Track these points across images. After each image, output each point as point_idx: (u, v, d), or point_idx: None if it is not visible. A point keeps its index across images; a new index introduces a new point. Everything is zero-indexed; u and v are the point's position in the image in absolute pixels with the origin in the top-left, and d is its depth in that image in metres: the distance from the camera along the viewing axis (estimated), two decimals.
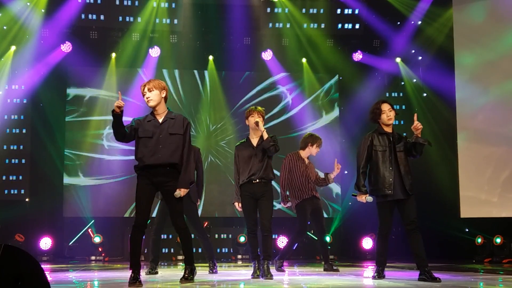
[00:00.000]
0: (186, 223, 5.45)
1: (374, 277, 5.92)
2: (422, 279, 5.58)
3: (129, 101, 11.09)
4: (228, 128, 11.46)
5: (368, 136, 5.92)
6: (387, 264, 6.13)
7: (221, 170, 11.35)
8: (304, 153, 7.51)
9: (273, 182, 6.39)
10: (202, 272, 7.02)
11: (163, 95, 5.44)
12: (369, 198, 5.91)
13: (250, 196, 6.23)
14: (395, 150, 5.79)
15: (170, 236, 10.70)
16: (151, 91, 5.37)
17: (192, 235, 5.71)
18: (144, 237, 5.37)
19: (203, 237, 7.11)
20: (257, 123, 6.16)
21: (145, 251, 9.50)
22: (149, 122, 5.39)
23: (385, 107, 5.85)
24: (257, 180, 6.19)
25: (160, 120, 5.39)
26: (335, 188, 11.46)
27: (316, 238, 10.74)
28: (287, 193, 7.41)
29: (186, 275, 5.45)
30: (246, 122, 6.38)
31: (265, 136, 6.16)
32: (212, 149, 11.32)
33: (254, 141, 6.32)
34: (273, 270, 6.58)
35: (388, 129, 5.91)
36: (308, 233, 10.71)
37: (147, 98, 5.36)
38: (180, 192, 5.26)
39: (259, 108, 6.36)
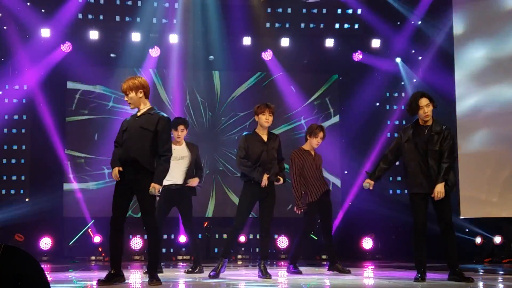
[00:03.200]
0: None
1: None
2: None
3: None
4: (228, 129, 11.45)
5: (404, 129, 5.78)
6: (387, 264, 6.12)
7: (221, 171, 11.34)
8: (307, 146, 7.16)
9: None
10: (208, 271, 7.03)
11: (140, 95, 5.34)
12: (365, 185, 5.86)
13: (253, 195, 6.19)
14: (429, 144, 5.57)
15: (172, 236, 10.71)
16: (127, 94, 5.32)
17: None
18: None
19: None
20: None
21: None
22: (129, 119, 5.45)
23: (423, 102, 5.57)
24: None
25: (138, 115, 5.38)
26: (335, 187, 11.44)
27: (316, 238, 10.80)
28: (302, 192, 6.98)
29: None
30: (255, 118, 6.32)
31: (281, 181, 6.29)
32: (211, 150, 11.30)
33: (264, 137, 6.28)
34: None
35: (425, 123, 5.64)
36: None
37: (126, 99, 5.38)
38: (154, 189, 5.18)
39: (270, 104, 6.31)
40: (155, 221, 5.32)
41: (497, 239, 9.73)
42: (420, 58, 11.40)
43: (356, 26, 11.31)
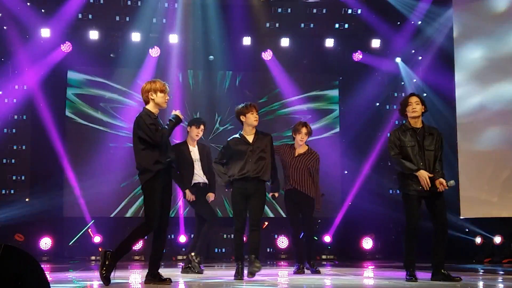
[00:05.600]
0: None
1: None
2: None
3: (129, 104, 11.14)
4: (228, 128, 11.44)
5: (394, 132, 5.81)
6: (387, 264, 6.12)
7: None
8: (296, 144, 7.25)
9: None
10: (208, 271, 7.03)
11: None
12: (451, 183, 5.75)
13: (241, 193, 6.12)
14: (423, 145, 5.70)
15: (172, 236, 10.70)
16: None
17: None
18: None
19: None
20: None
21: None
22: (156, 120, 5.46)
23: (412, 99, 5.77)
24: (252, 178, 6.09)
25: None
26: (335, 187, 11.43)
27: (316, 238, 10.80)
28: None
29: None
30: (241, 118, 6.25)
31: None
32: (211, 150, 11.27)
33: (250, 138, 6.22)
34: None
35: (416, 124, 5.78)
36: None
37: (167, 99, 5.43)
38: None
39: (254, 104, 6.34)
40: None
41: (497, 239, 9.73)
42: (420, 58, 11.40)
43: (356, 26, 11.31)
